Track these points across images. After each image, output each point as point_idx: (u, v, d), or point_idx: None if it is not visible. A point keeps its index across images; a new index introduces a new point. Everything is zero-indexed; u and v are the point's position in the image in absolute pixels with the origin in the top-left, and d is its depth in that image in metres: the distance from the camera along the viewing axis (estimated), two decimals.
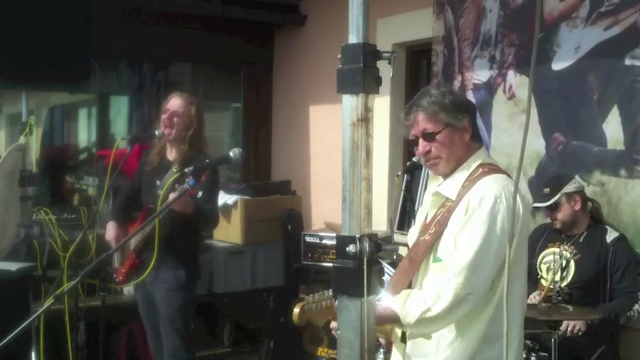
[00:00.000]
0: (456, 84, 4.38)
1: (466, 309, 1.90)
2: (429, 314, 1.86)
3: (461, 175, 2.03)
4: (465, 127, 2.02)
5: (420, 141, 2.04)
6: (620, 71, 3.43)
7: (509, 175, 2.05)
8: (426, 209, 2.16)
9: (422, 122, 2.02)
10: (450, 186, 2.04)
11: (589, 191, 3.57)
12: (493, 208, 1.90)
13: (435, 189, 2.09)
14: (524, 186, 2.01)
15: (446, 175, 2.09)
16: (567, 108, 3.72)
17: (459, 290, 1.87)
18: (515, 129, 3.98)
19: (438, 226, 1.99)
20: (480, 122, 4.20)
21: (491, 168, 2.03)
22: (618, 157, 3.45)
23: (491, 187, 1.94)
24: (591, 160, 3.57)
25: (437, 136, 2.00)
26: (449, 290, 1.87)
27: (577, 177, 3.58)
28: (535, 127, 3.85)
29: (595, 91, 3.57)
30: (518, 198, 1.93)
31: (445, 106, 2.00)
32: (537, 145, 3.84)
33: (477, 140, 2.09)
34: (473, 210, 1.91)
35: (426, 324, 1.89)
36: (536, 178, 3.86)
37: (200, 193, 3.37)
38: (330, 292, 1.85)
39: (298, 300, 1.81)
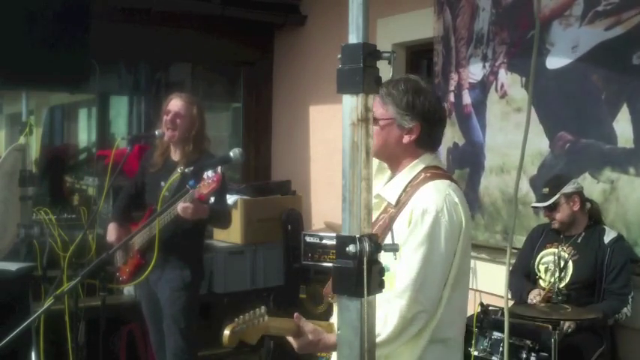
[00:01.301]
0: (453, 83, 4.37)
1: (418, 326, 1.88)
2: (379, 339, 1.80)
3: (402, 179, 2.00)
4: (410, 129, 1.98)
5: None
6: (627, 71, 3.42)
7: (452, 180, 2.02)
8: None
9: (376, 105, 2.00)
10: (391, 190, 2.01)
11: (599, 189, 3.57)
12: (434, 223, 1.86)
13: (377, 192, 2.04)
14: (459, 193, 1.98)
15: (392, 172, 2.07)
16: (573, 107, 3.70)
17: (404, 312, 1.84)
18: (510, 128, 3.98)
19: (380, 232, 1.95)
20: (474, 122, 4.21)
21: (434, 173, 1.99)
22: (628, 156, 3.44)
23: (434, 197, 1.90)
24: (601, 158, 3.56)
25: (380, 122, 2.00)
26: (394, 313, 1.84)
27: (587, 173, 3.59)
28: (536, 126, 3.84)
29: (602, 89, 3.56)
30: (460, 205, 1.91)
31: (398, 102, 1.98)
32: (540, 144, 3.83)
33: (425, 148, 2.03)
34: (415, 223, 1.87)
35: (379, 348, 1.81)
36: (539, 177, 3.85)
37: (212, 199, 3.38)
38: (263, 310, 1.84)
39: (229, 322, 1.79)
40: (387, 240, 1.91)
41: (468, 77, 4.27)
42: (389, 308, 1.85)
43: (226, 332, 1.75)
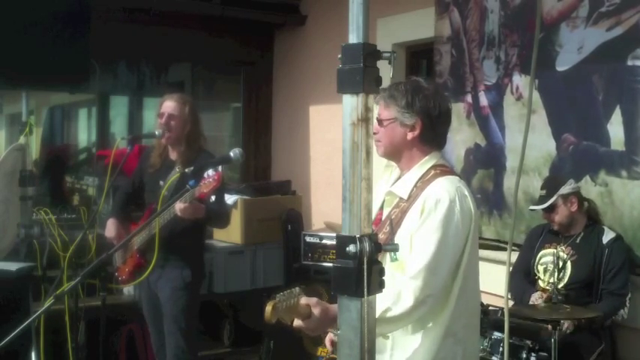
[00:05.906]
0: (468, 84, 4.36)
1: (425, 310, 1.96)
2: (389, 314, 1.90)
3: (413, 176, 2.11)
4: (412, 126, 2.10)
5: (375, 122, 2.16)
6: (622, 72, 3.41)
7: (460, 177, 2.15)
8: (377, 207, 2.21)
9: (381, 108, 2.17)
10: (402, 186, 2.12)
11: (596, 192, 3.56)
12: (448, 211, 1.97)
13: (389, 189, 2.16)
14: (468, 188, 2.12)
15: (401, 171, 2.18)
16: (576, 109, 3.69)
17: (418, 293, 1.92)
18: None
19: (392, 226, 2.06)
20: (493, 123, 4.19)
21: (443, 170, 2.12)
22: (620, 158, 3.44)
23: (447, 189, 2.02)
24: (598, 161, 3.56)
25: (384, 123, 2.13)
26: (408, 293, 1.92)
27: (587, 176, 3.58)
28: (546, 128, 3.83)
29: (600, 91, 3.55)
30: (469, 198, 2.04)
31: (399, 102, 2.10)
32: (549, 145, 3.82)
33: (431, 145, 2.15)
34: (429, 212, 1.98)
35: (386, 323, 1.93)
36: None
37: (213, 198, 3.39)
38: (298, 290, 1.86)
39: (271, 298, 1.82)
40: (400, 231, 2.03)
41: (483, 79, 4.25)
42: (403, 287, 1.93)
43: (268, 308, 1.77)
